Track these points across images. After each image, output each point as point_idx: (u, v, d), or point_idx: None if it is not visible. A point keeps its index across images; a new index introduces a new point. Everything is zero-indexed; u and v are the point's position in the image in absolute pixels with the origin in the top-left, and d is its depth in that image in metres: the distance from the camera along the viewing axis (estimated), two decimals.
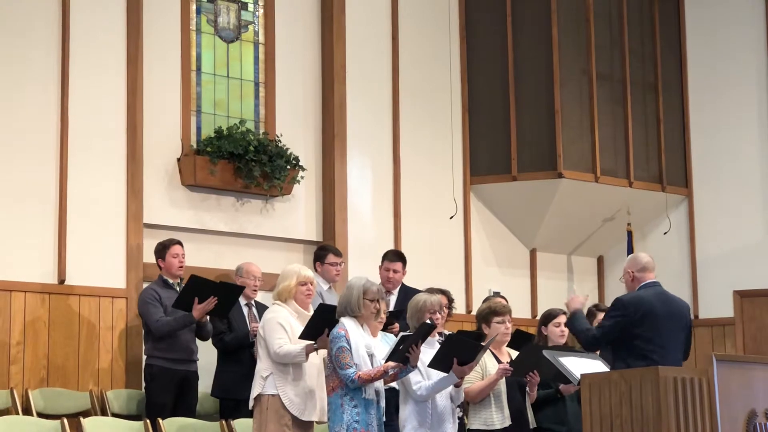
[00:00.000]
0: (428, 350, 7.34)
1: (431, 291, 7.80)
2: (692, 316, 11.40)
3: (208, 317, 8.78)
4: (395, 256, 9.82)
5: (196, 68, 10.27)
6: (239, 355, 8.88)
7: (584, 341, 7.75)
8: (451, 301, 8.48)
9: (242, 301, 9.05)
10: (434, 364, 7.20)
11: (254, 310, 9.10)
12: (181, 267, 8.99)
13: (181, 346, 8.75)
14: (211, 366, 9.12)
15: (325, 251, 9.78)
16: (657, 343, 7.44)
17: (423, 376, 7.28)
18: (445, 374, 7.23)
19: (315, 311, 7.50)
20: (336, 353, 7.10)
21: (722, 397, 6.41)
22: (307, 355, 7.38)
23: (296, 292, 7.62)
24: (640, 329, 7.48)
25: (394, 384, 7.53)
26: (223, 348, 8.96)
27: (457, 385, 7.35)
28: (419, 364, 7.23)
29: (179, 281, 8.98)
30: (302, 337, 7.40)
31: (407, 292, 9.58)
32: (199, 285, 8.49)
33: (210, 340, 9.01)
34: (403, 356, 7.01)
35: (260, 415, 7.45)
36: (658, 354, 7.37)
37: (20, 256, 8.96)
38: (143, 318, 8.84)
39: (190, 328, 8.76)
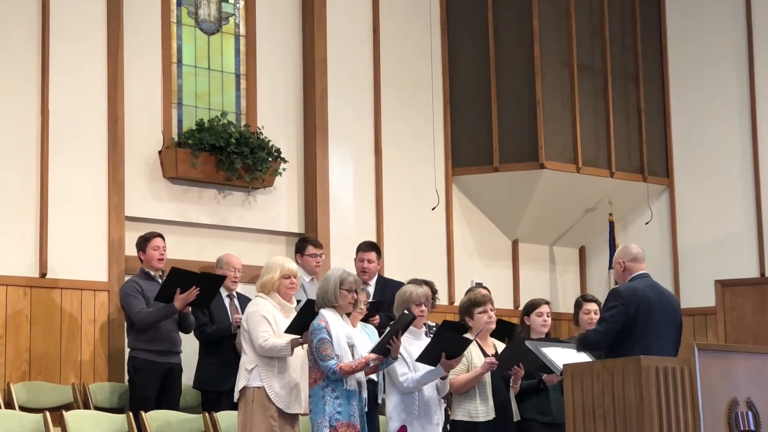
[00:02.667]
0: (415, 341, 7.36)
1: (416, 282, 7.81)
2: None
3: (190, 309, 8.77)
4: (368, 246, 9.83)
5: (177, 60, 10.24)
6: (221, 346, 8.88)
7: (595, 340, 7.52)
8: (434, 292, 8.50)
9: (223, 292, 9.05)
10: (423, 358, 7.22)
11: (236, 301, 9.10)
12: (161, 260, 8.99)
13: (164, 338, 8.75)
14: (195, 358, 9.11)
15: (305, 243, 9.80)
16: (651, 334, 7.41)
17: (410, 368, 7.30)
18: (432, 367, 7.25)
19: (302, 306, 7.50)
20: (317, 345, 7.10)
21: (704, 386, 6.43)
22: (292, 350, 7.37)
23: (279, 285, 7.60)
24: (636, 319, 7.46)
25: (372, 375, 7.53)
26: (205, 340, 8.95)
27: (443, 378, 7.37)
28: (406, 356, 7.25)
29: (161, 273, 8.97)
30: (288, 331, 7.40)
31: (385, 284, 9.61)
32: (180, 277, 8.49)
33: (192, 333, 9.00)
34: (383, 348, 7.02)
35: (245, 407, 7.44)
36: (653, 344, 7.32)
37: (1, 250, 8.93)
38: (125, 310, 8.82)
39: (172, 320, 8.75)
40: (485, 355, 7.68)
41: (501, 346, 7.92)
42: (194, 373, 9.02)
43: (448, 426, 7.74)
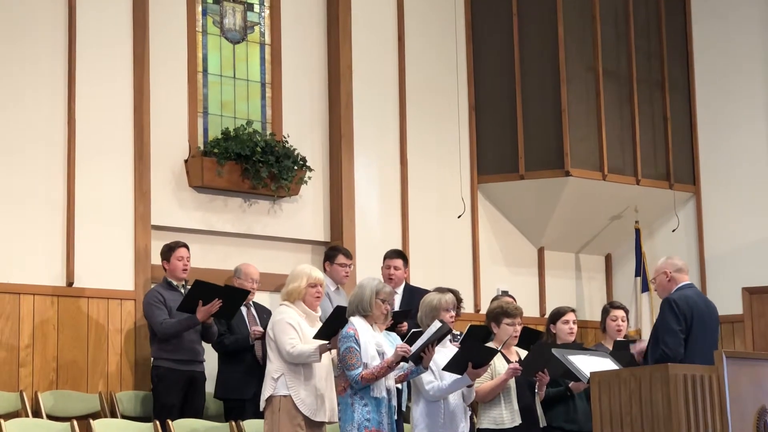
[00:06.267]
0: (440, 349, 7.35)
1: (441, 290, 7.81)
2: None
3: (213, 319, 8.78)
4: (395, 253, 9.86)
5: (202, 69, 10.27)
6: (241, 355, 8.89)
7: (672, 352, 7.26)
8: (459, 301, 8.49)
9: None
10: (450, 367, 7.22)
11: (253, 310, 9.12)
12: (185, 270, 9.01)
13: (186, 347, 8.77)
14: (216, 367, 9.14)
15: (335, 252, 9.81)
16: (702, 342, 7.34)
17: (435, 377, 7.30)
18: (458, 376, 7.25)
19: (332, 313, 7.50)
20: (343, 353, 7.12)
21: (732, 394, 6.40)
22: (320, 355, 7.38)
23: (306, 294, 7.61)
24: (691, 328, 7.35)
25: (398, 384, 7.54)
26: (224, 350, 8.97)
27: (469, 386, 7.36)
28: (432, 364, 7.25)
29: (184, 283, 8.99)
30: (317, 337, 7.41)
31: (412, 292, 9.60)
32: (203, 289, 8.50)
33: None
34: (417, 356, 7.03)
35: (272, 416, 7.45)
36: (703, 353, 7.22)
37: (29, 259, 8.97)
38: (147, 320, 8.86)
39: (195, 329, 8.77)
40: (508, 362, 7.68)
41: (524, 354, 7.90)
42: (215, 382, 9.04)
43: None
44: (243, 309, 9.04)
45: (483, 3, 12.04)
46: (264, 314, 9.08)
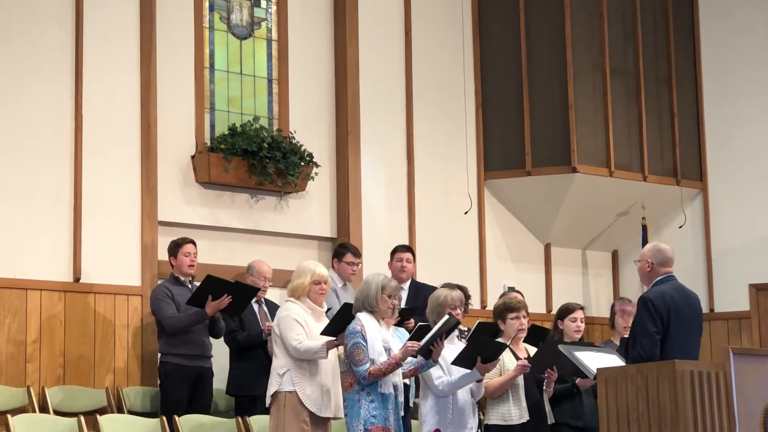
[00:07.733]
0: (449, 345, 7.36)
1: (449, 286, 7.81)
2: (707, 310, 11.44)
3: (220, 314, 8.79)
4: (404, 247, 9.92)
5: (209, 65, 10.27)
6: (253, 351, 8.89)
7: (648, 354, 7.09)
8: (467, 297, 8.48)
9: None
10: (459, 361, 7.22)
11: (264, 307, 9.13)
12: (192, 266, 9.01)
13: (194, 342, 8.78)
14: (226, 363, 9.12)
15: (344, 249, 9.80)
16: (680, 339, 7.30)
17: (444, 372, 7.30)
18: (467, 371, 7.25)
19: (339, 309, 7.50)
20: (351, 349, 7.12)
21: (739, 391, 6.39)
22: (327, 352, 7.38)
23: (310, 290, 7.61)
24: (668, 326, 7.30)
25: (406, 380, 7.54)
26: (236, 346, 8.97)
27: (478, 381, 7.37)
28: (441, 359, 7.25)
29: (191, 279, 9.00)
30: (324, 333, 7.41)
31: (418, 288, 9.60)
32: (214, 285, 8.50)
33: (222, 338, 9.02)
34: (426, 350, 7.03)
35: (278, 412, 7.45)
36: (681, 349, 7.20)
37: (36, 255, 8.98)
38: (156, 315, 8.86)
39: (203, 324, 8.78)
40: (517, 358, 7.68)
41: (533, 351, 7.90)
42: (226, 378, 9.04)
43: (481, 431, 7.73)
44: (255, 305, 9.05)
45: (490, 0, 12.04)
46: (274, 311, 9.08)
